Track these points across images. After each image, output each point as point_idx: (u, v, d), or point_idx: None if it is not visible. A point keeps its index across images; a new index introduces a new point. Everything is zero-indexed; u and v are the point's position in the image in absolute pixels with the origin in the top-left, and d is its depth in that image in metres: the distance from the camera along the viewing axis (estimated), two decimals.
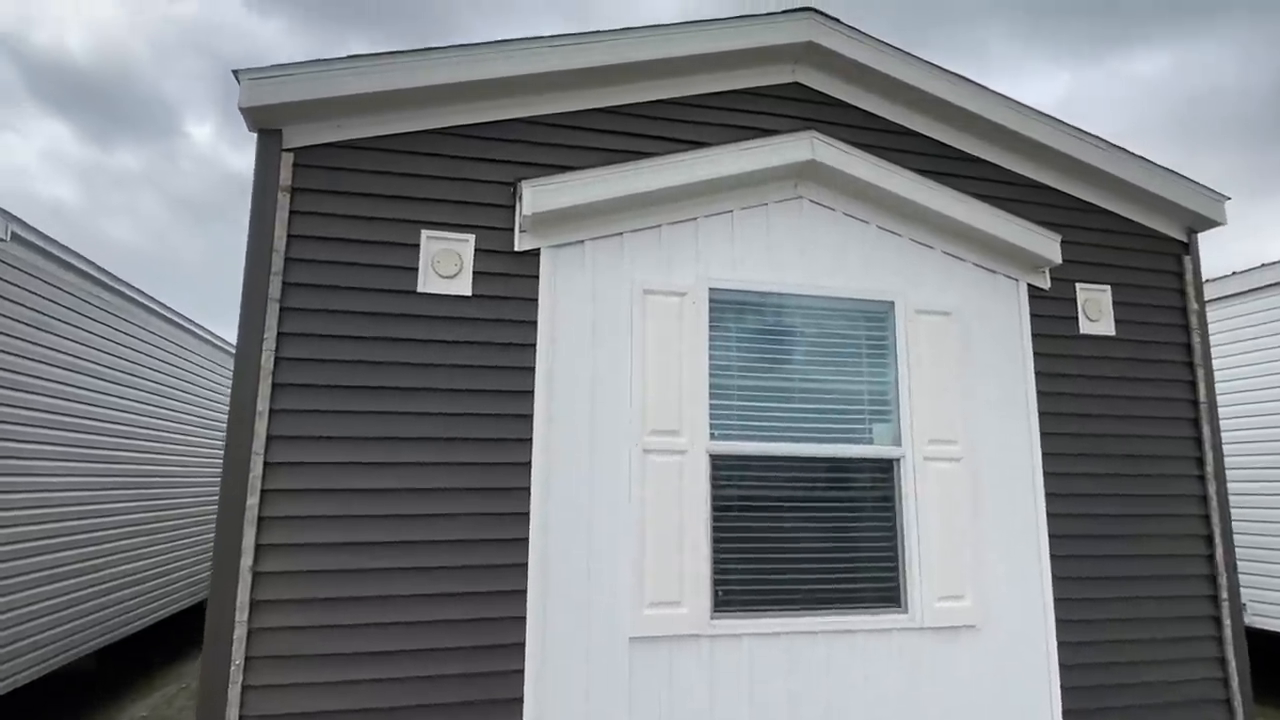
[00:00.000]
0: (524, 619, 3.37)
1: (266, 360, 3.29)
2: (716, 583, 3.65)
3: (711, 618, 3.58)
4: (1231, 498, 4.67)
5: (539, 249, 3.67)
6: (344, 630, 3.21)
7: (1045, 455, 4.17)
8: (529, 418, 3.52)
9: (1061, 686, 3.96)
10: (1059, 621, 4.02)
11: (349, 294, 3.44)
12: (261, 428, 3.24)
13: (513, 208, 3.66)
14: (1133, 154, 4.52)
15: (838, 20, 4.10)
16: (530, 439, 3.50)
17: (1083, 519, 4.19)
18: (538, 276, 3.65)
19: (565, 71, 3.71)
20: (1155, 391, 4.46)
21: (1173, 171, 4.58)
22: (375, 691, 3.20)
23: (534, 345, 3.58)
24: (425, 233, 3.56)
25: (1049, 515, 4.11)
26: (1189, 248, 4.68)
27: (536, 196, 3.56)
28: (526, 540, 3.43)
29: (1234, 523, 4.93)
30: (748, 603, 3.68)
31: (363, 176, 3.55)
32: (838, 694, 3.67)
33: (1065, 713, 3.95)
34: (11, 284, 4.97)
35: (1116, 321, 4.47)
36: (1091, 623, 4.09)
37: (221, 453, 3.30)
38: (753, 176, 3.96)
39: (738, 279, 3.93)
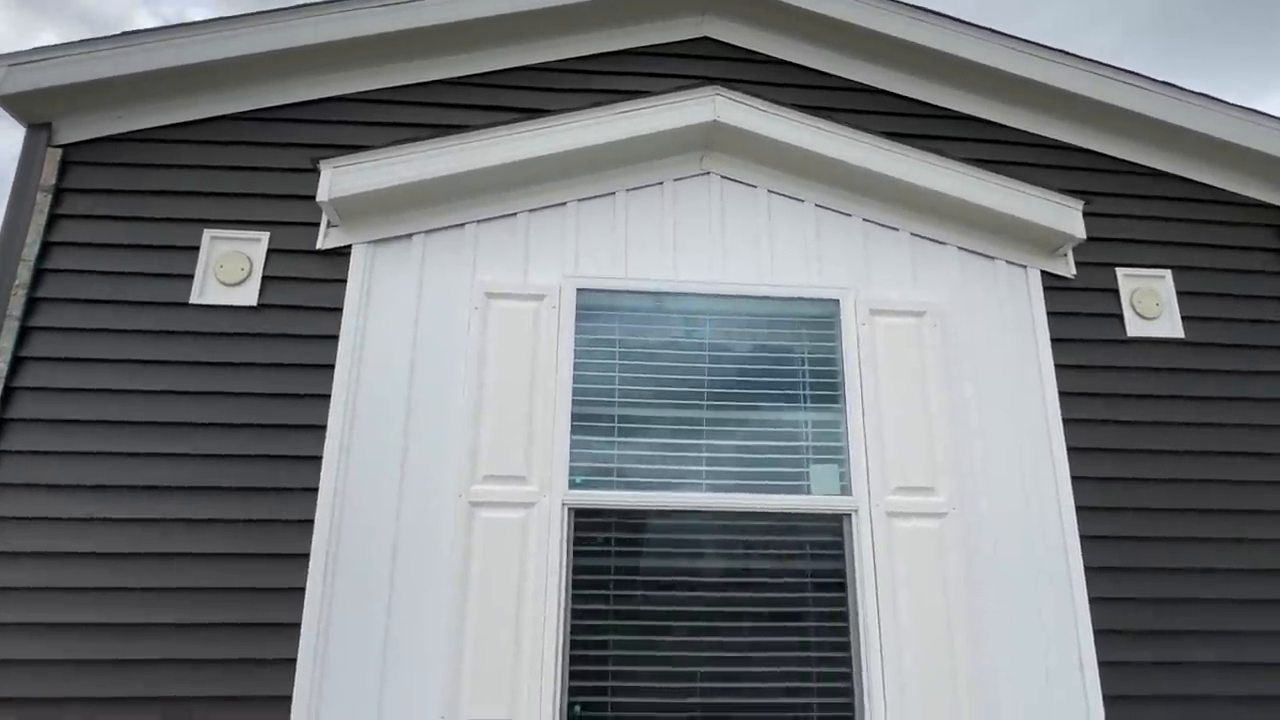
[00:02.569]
0: None
1: None
2: (572, 692, 2.58)
3: None
4: None
5: (350, 246, 2.92)
6: None
7: (1081, 510, 2.87)
8: (317, 460, 2.68)
9: None
10: None
11: (109, 309, 2.79)
12: None
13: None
14: (1201, 95, 3.30)
15: None
16: (316, 488, 2.65)
17: (1153, 606, 2.82)
18: (346, 280, 2.88)
19: (382, 36, 3.02)
20: (1253, 416, 3.07)
21: (1263, 114, 3.31)
22: None
23: (333, 366, 2.78)
24: (209, 233, 2.89)
25: (1093, 600, 2.78)
26: None
27: (336, 178, 2.83)
28: (298, 628, 2.53)
29: None
30: None
31: (145, 172, 2.96)
32: None
33: None
34: None
35: (1185, 319, 3.15)
36: None
37: None
38: (639, 148, 3.08)
39: (624, 276, 3.01)
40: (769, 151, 3.13)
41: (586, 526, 2.73)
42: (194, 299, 2.82)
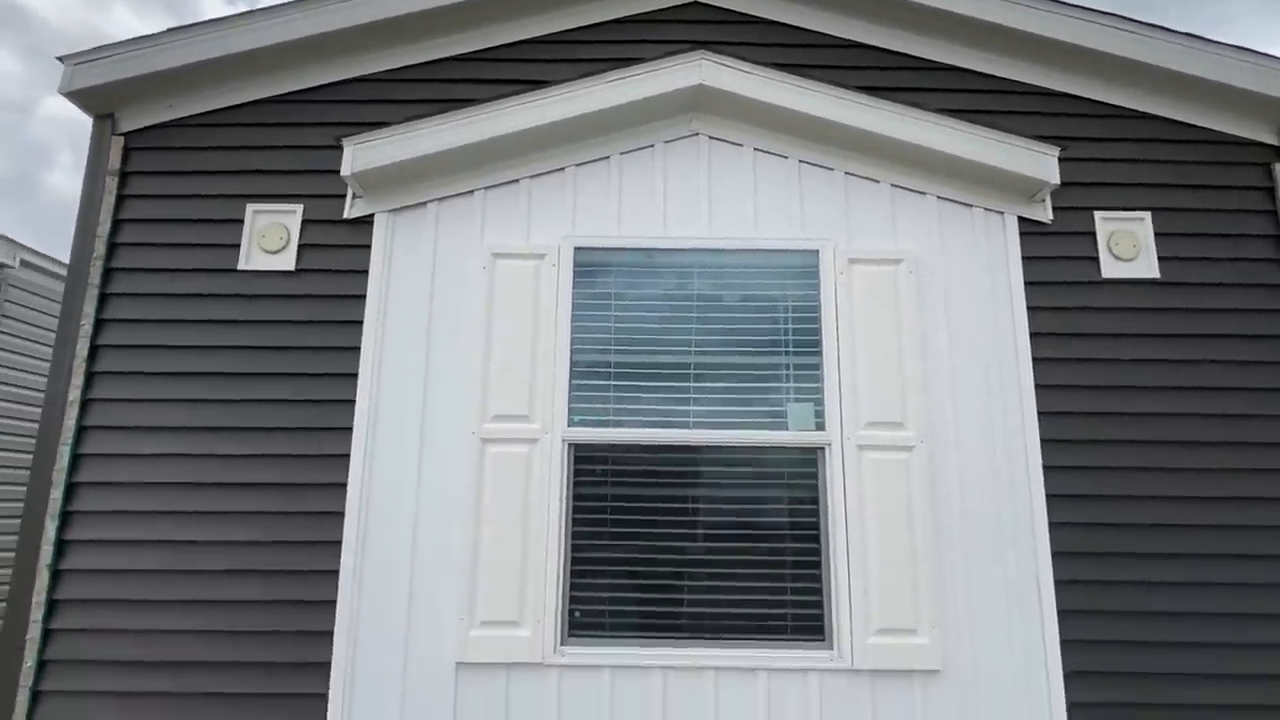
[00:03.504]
0: (330, 633, 2.90)
1: (82, 348, 3.13)
2: (573, 600, 2.97)
3: (562, 644, 2.91)
4: None
5: (372, 215, 3.27)
6: (145, 636, 2.92)
7: (1046, 443, 3.07)
8: (351, 404, 3.09)
9: None
10: (1071, 675, 2.88)
11: (171, 276, 3.23)
12: (71, 418, 3.07)
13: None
14: (1184, 35, 3.32)
15: None
16: (350, 428, 3.07)
17: (1108, 530, 3.02)
18: (370, 246, 3.24)
19: (384, 22, 3.30)
20: (1228, 352, 3.18)
21: (1254, 52, 3.31)
22: (168, 706, 2.86)
23: (361, 322, 3.16)
24: (251, 207, 3.28)
25: (1053, 525, 3.00)
26: None
27: (357, 154, 3.17)
28: (339, 542, 2.97)
29: None
30: (612, 627, 2.96)
31: (193, 154, 3.36)
32: None
33: None
34: (28, 307, 5.38)
35: (1162, 260, 3.25)
36: (1125, 677, 2.90)
37: None
38: (630, 113, 3.31)
39: (619, 235, 3.28)
40: (754, 111, 3.32)
41: (584, 459, 3.08)
42: (240, 266, 3.23)
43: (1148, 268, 3.25)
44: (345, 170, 3.16)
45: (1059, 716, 2.85)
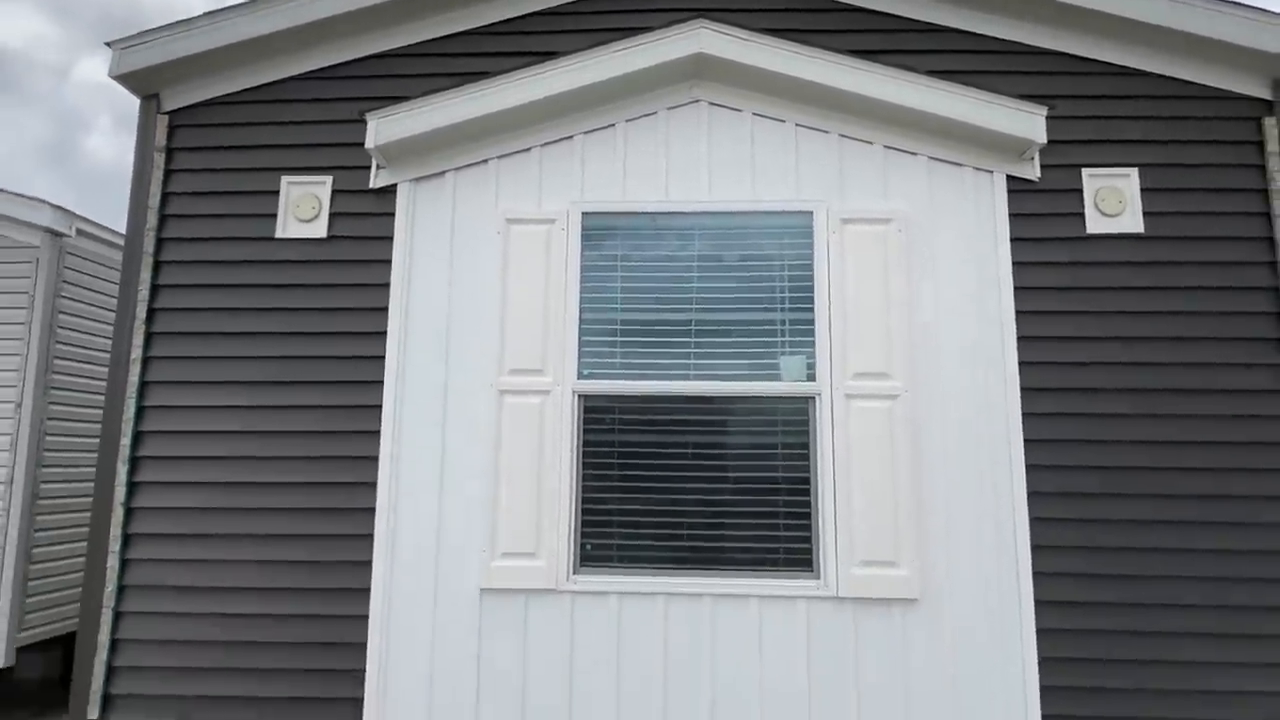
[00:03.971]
0: (370, 562, 3.26)
1: (140, 311, 3.48)
2: (585, 535, 3.28)
3: (574, 572, 3.23)
4: None
5: (395, 184, 3.53)
6: (204, 565, 3.32)
7: (1027, 391, 3.26)
8: (381, 359, 3.39)
9: (1041, 685, 3.08)
10: (1040, 604, 3.13)
11: (216, 244, 3.54)
12: (135, 374, 3.43)
13: None
14: None
15: None
16: (381, 381, 3.38)
17: (1085, 472, 3.22)
18: (394, 214, 3.50)
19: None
20: (1210, 304, 3.31)
21: (1245, 6, 3.36)
22: (224, 625, 3.27)
23: (388, 285, 3.45)
24: (285, 178, 3.56)
25: (1030, 467, 3.21)
26: (1276, 108, 3.41)
27: (380, 127, 3.42)
28: (374, 484, 3.31)
29: None
30: (619, 558, 3.27)
31: (231, 130, 3.63)
32: (726, 666, 3.15)
33: (1045, 718, 3.07)
34: (84, 274, 5.78)
35: (1146, 215, 3.37)
36: (1095, 606, 3.14)
37: None
38: (634, 82, 3.49)
39: (624, 200, 3.50)
40: (752, 77, 3.48)
41: (593, 409, 3.36)
42: (278, 234, 3.52)
43: (1132, 222, 3.37)
44: (369, 143, 3.41)
45: (1029, 642, 3.10)
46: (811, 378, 3.31)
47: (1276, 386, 3.24)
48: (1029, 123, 3.31)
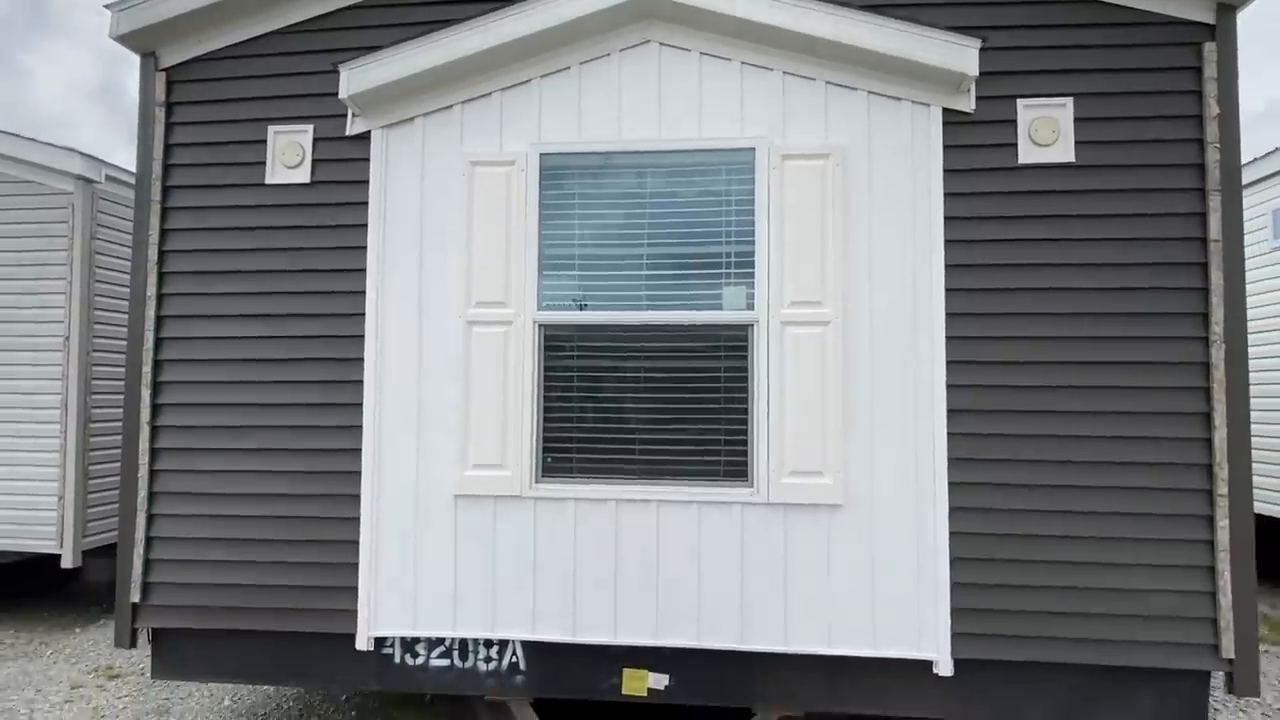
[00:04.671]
0: (359, 473, 3.71)
1: (152, 254, 3.90)
2: (546, 449, 3.68)
3: (537, 481, 3.64)
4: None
5: (369, 131, 3.82)
6: (218, 475, 3.82)
7: (952, 316, 3.48)
8: (362, 294, 3.77)
9: (952, 582, 3.42)
10: (955, 510, 3.43)
11: (214, 191, 3.92)
12: (151, 310, 3.88)
13: None
14: None
15: None
16: (363, 314, 3.76)
17: (1005, 391, 3.46)
18: (369, 159, 3.81)
19: None
20: (1137, 230, 3.45)
21: None
22: (238, 525, 3.79)
23: (366, 225, 3.79)
24: (272, 128, 3.89)
25: (950, 387, 3.46)
26: (1217, 33, 3.44)
27: (351, 78, 3.69)
28: (361, 405, 3.74)
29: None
30: (577, 469, 3.66)
31: (221, 84, 3.95)
32: (670, 562, 3.56)
33: (955, 611, 3.42)
34: (115, 216, 6.27)
35: (1079, 144, 3.49)
36: (1004, 513, 3.43)
37: None
38: (587, 26, 3.68)
39: (580, 140, 3.74)
40: (700, 18, 3.62)
41: (552, 337, 3.69)
42: (267, 180, 3.87)
43: (1063, 152, 3.49)
44: (342, 93, 3.70)
45: (942, 544, 3.43)
46: (750, 307, 3.58)
47: (1194, 310, 3.40)
48: (961, 55, 3.41)
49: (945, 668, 3.41)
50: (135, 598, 3.81)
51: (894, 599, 3.44)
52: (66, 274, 5.92)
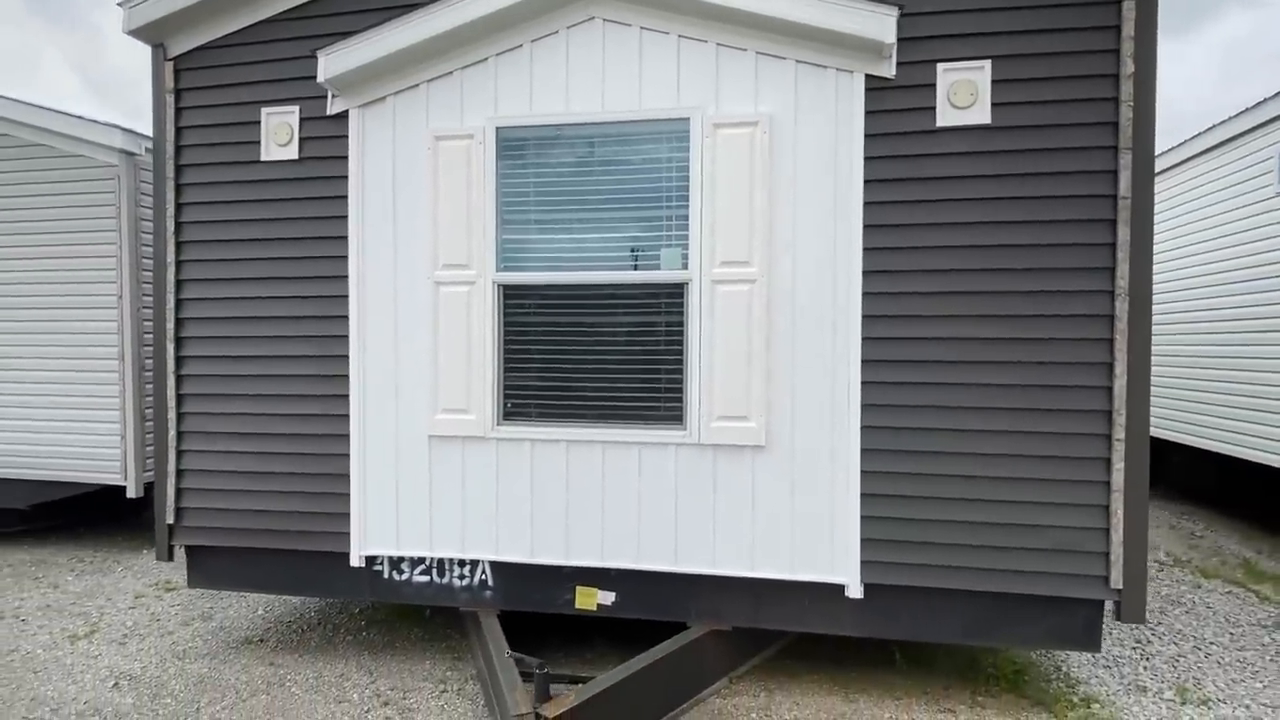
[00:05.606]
0: (347, 416, 4.27)
1: (170, 224, 4.46)
2: (506, 395, 4.15)
3: (498, 424, 4.13)
4: None
5: (347, 110, 4.24)
6: (235, 416, 4.44)
7: (869, 274, 3.75)
8: (345, 259, 4.25)
9: (862, 515, 3.78)
10: (866, 451, 3.76)
11: (219, 168, 4.43)
12: (172, 274, 4.47)
13: None
14: None
15: None
16: (347, 276, 4.25)
17: (915, 343, 3.73)
18: (348, 136, 4.24)
19: None
20: (1051, 189, 3.61)
21: None
22: (252, 460, 4.41)
23: (346, 197, 4.24)
24: (264, 110, 4.35)
25: (866, 339, 3.75)
26: None
27: (328, 63, 4.10)
28: (347, 357, 4.26)
29: None
30: (534, 414, 4.12)
31: (220, 70, 4.42)
32: (615, 495, 4.02)
33: (865, 541, 3.79)
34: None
35: (994, 106, 3.64)
36: (912, 454, 3.74)
37: None
38: (537, 5, 3.97)
39: (532, 114, 4.08)
40: None
41: (511, 296, 4.12)
42: (262, 158, 4.35)
43: (980, 114, 3.65)
44: (320, 77, 4.11)
45: (854, 477, 3.77)
46: (685, 266, 3.91)
47: (1102, 265, 3.57)
48: (879, 23, 3.59)
49: (855, 591, 3.80)
50: (170, 520, 4.51)
51: (809, 529, 3.83)
52: (116, 239, 6.61)
